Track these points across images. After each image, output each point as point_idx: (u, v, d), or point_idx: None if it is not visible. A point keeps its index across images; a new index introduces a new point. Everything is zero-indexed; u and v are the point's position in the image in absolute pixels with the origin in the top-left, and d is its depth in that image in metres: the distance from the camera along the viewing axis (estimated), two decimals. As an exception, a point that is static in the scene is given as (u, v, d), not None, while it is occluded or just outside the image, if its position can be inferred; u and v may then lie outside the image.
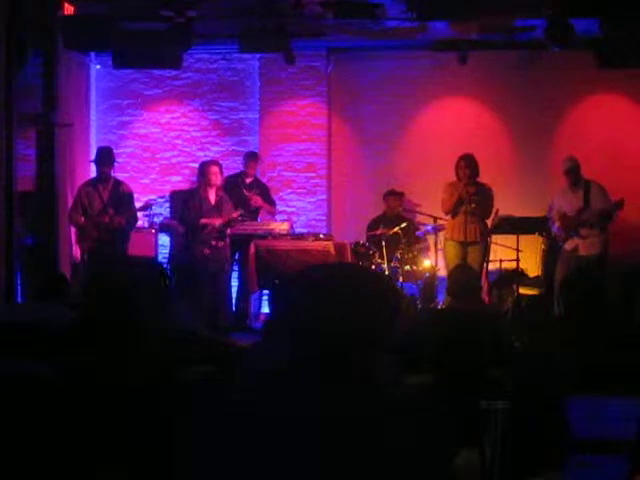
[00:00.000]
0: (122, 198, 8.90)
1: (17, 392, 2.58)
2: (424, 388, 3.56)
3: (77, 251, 9.27)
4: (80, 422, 2.48)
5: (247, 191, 9.59)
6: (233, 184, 9.47)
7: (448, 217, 9.00)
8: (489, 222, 8.95)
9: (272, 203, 9.85)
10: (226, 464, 1.82)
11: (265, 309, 9.65)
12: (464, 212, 8.78)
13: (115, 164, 9.08)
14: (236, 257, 9.47)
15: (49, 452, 2.46)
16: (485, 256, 8.95)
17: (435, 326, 4.63)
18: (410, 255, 9.38)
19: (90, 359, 2.61)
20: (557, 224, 8.79)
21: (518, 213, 9.04)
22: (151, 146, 10.90)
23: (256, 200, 9.51)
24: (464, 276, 5.13)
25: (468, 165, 8.83)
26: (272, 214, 9.85)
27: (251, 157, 9.89)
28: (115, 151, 9.38)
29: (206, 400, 1.93)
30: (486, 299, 8.98)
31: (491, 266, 9.22)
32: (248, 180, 9.73)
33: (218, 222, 8.66)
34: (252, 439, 1.81)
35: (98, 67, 10.79)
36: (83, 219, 8.81)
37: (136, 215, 9.15)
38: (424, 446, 1.83)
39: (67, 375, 2.58)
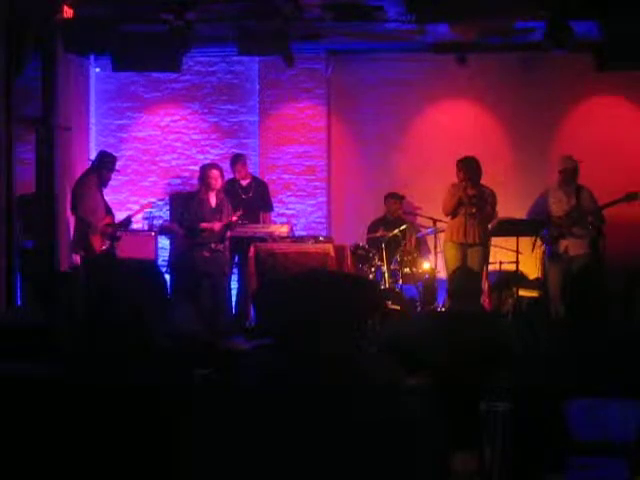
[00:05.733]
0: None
1: (17, 395, 2.58)
2: (424, 390, 3.56)
3: (77, 256, 9.26)
4: (81, 424, 2.48)
5: (245, 194, 9.58)
6: (230, 190, 9.42)
7: (448, 219, 8.99)
8: (490, 225, 8.95)
9: (268, 207, 9.83)
10: (226, 464, 1.82)
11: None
12: (464, 214, 8.77)
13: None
14: (236, 260, 9.48)
15: (50, 454, 2.46)
16: (485, 259, 8.94)
17: (435, 328, 4.63)
18: (410, 257, 9.38)
19: (89, 361, 2.61)
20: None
21: (518, 215, 9.04)
22: (150, 149, 10.90)
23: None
24: (465, 279, 5.12)
25: (465, 168, 8.81)
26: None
27: (234, 161, 9.82)
28: (115, 154, 9.42)
29: (206, 403, 1.93)
30: (486, 301, 8.98)
31: (491, 268, 9.22)
32: (244, 183, 9.71)
33: (217, 227, 8.64)
34: (251, 440, 1.81)
35: (97, 70, 10.79)
36: (94, 222, 8.87)
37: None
38: (422, 446, 1.83)
39: (67, 378, 2.58)
